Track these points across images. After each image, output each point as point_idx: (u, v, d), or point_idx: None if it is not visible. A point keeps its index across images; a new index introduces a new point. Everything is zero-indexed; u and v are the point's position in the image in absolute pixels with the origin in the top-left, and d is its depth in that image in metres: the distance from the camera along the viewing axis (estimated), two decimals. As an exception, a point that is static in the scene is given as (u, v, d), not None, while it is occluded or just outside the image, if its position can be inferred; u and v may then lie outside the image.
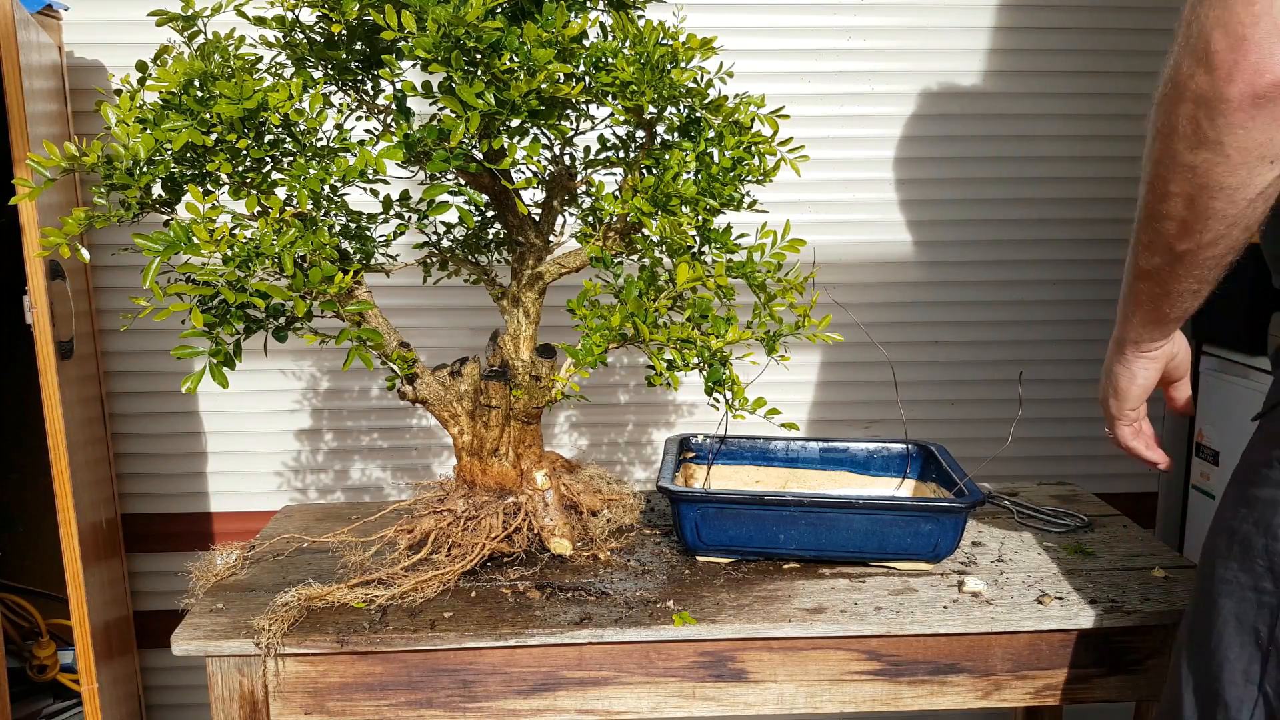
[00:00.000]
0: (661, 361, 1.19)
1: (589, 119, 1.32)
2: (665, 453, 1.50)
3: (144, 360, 2.10)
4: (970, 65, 2.10)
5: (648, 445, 2.23)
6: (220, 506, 2.19)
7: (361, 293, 1.23)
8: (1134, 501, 2.23)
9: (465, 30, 1.00)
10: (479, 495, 1.35)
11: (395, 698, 1.22)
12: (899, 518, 1.32)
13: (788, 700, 1.25)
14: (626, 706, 1.24)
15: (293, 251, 1.08)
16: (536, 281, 1.33)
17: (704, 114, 1.21)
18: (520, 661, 1.22)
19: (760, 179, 1.24)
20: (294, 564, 1.39)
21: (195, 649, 1.18)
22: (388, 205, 1.35)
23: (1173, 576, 1.34)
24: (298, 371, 2.14)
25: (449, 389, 1.33)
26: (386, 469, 2.21)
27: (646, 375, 1.21)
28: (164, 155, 1.08)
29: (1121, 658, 1.26)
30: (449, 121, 1.04)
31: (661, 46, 1.12)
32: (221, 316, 1.11)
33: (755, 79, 1.89)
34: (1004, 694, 1.27)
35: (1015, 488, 1.71)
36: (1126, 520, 1.56)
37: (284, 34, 1.21)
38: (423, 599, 1.26)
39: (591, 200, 1.31)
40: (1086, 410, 2.24)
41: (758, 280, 1.23)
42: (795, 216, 2.07)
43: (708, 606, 1.25)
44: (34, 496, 2.48)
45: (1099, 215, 2.17)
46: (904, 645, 1.24)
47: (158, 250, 1.03)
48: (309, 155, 1.12)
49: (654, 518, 1.55)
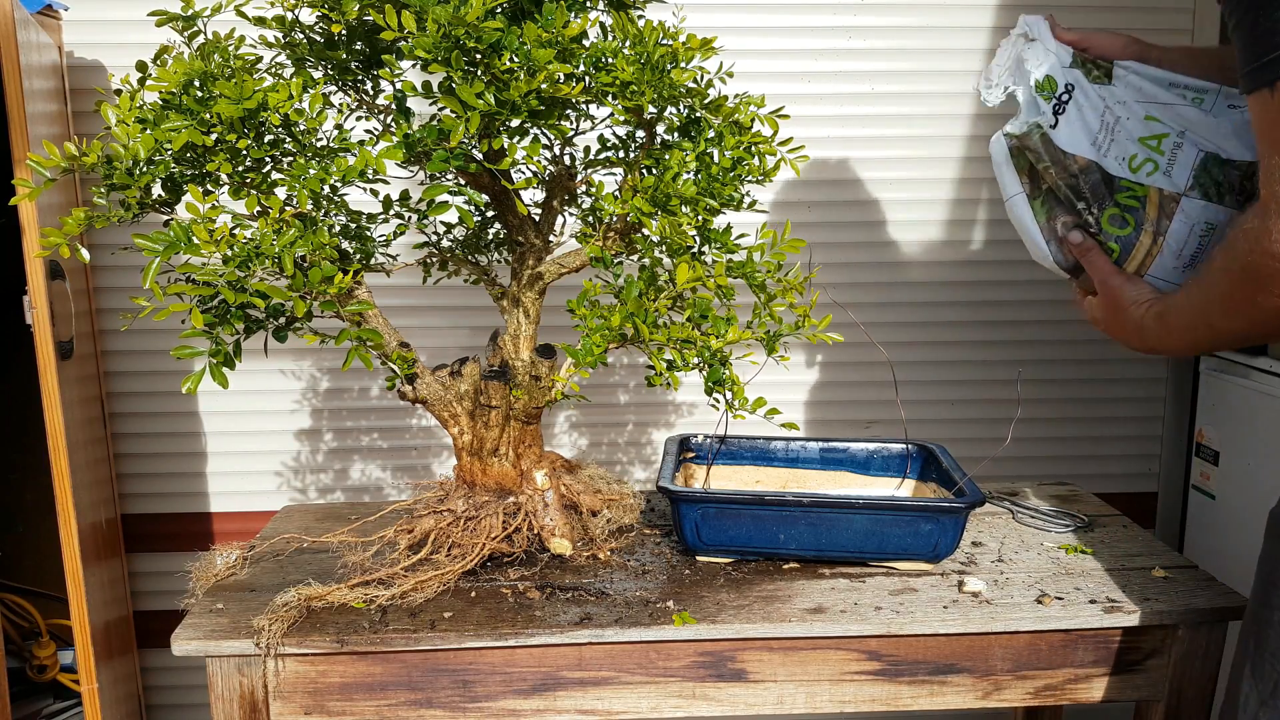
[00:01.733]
0: (661, 361, 1.19)
1: (589, 119, 1.32)
2: (665, 453, 1.50)
3: (144, 360, 2.10)
4: (970, 65, 2.10)
5: (648, 445, 2.23)
6: (220, 506, 2.19)
7: (361, 293, 1.23)
8: (1134, 501, 2.23)
9: (465, 30, 1.00)
10: (479, 495, 1.35)
11: (395, 698, 1.22)
12: (899, 518, 1.32)
13: (788, 700, 1.25)
14: (626, 706, 1.24)
15: (293, 251, 1.08)
16: (536, 281, 1.33)
17: (704, 114, 1.21)
18: (520, 661, 1.22)
19: (760, 179, 1.24)
20: (294, 564, 1.39)
21: (195, 649, 1.18)
22: (388, 205, 1.35)
23: (1173, 576, 1.34)
24: (298, 371, 2.14)
25: (449, 389, 1.33)
26: (386, 469, 2.21)
27: (646, 375, 1.21)
28: (164, 155, 1.08)
29: (1121, 658, 1.26)
30: (449, 121, 1.04)
31: (661, 46, 1.12)
32: (221, 316, 1.11)
33: (755, 79, 1.89)
34: (1004, 694, 1.27)
35: (1015, 488, 1.71)
36: (1126, 520, 1.56)
37: (284, 34, 1.21)
38: (423, 599, 1.26)
39: (591, 200, 1.31)
40: (1086, 410, 2.24)
41: (758, 280, 1.23)
42: (795, 216, 2.07)
43: (708, 606, 1.25)
44: (34, 496, 2.48)
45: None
46: (904, 645, 1.24)
47: (158, 250, 1.03)
48: (309, 155, 1.12)
49: (654, 518, 1.55)
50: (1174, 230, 1.18)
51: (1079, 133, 1.21)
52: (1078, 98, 1.21)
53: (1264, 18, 0.85)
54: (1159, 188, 1.18)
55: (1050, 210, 1.23)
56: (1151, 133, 1.19)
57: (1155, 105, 1.20)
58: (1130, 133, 1.20)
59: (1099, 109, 1.21)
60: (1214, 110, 1.18)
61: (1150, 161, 1.19)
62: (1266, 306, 0.93)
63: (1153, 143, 1.19)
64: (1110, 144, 1.20)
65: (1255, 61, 0.88)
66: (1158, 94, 1.21)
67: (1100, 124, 1.21)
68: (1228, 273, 0.98)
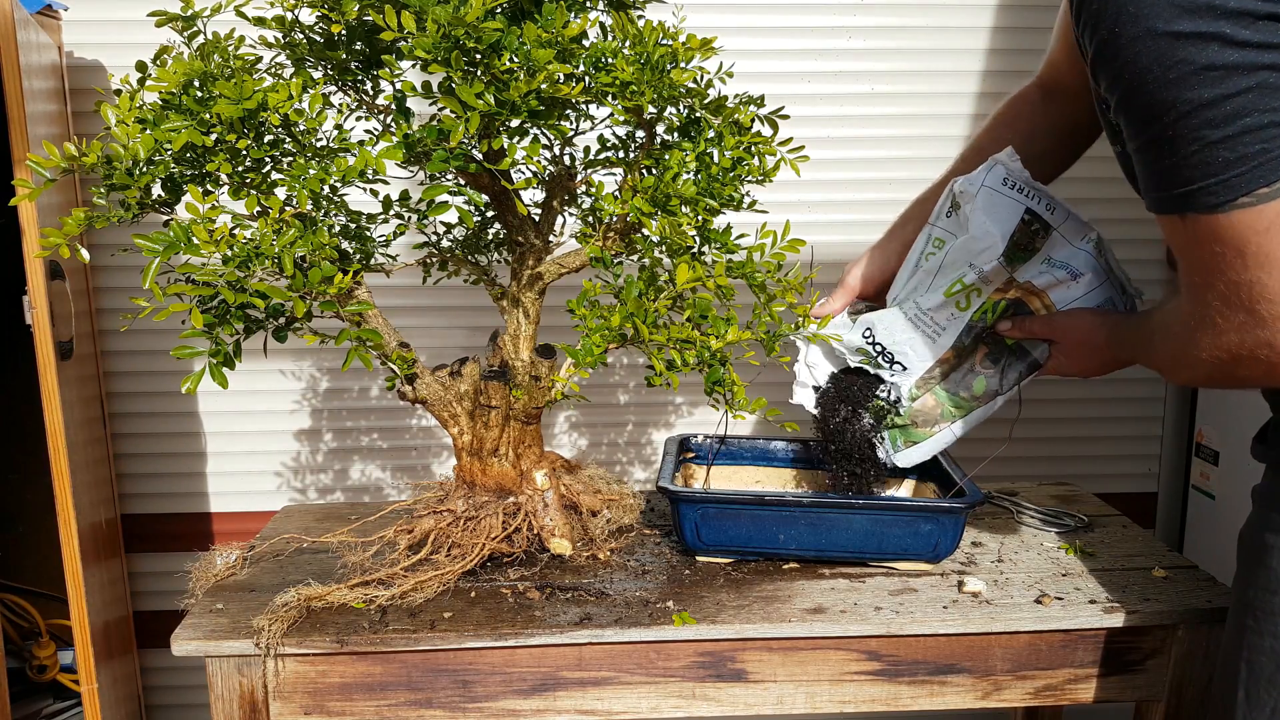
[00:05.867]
0: (661, 362, 1.19)
1: (589, 119, 1.32)
2: (665, 453, 1.50)
3: (144, 360, 2.10)
4: (970, 65, 2.10)
5: (648, 445, 2.23)
6: (220, 506, 2.19)
7: (361, 293, 1.23)
8: (1134, 501, 2.23)
9: (465, 30, 1.00)
10: (479, 495, 1.35)
11: (395, 698, 1.22)
12: (899, 518, 1.32)
13: (787, 700, 1.25)
14: (626, 707, 1.24)
15: (292, 252, 1.08)
16: (536, 282, 1.33)
17: (704, 114, 1.21)
18: (520, 661, 1.22)
19: (760, 179, 1.24)
20: (294, 564, 1.39)
21: (195, 649, 1.18)
22: (388, 205, 1.35)
23: (1172, 577, 1.34)
24: (298, 371, 2.14)
25: (449, 389, 1.33)
26: (386, 469, 2.21)
27: (646, 375, 1.21)
28: (164, 155, 1.08)
29: (1121, 658, 1.26)
30: (449, 122, 1.04)
31: (661, 47, 1.12)
32: (221, 317, 1.11)
33: (755, 79, 1.89)
34: (1004, 694, 1.27)
35: (1015, 488, 1.71)
36: (1126, 520, 1.56)
37: (284, 34, 1.21)
38: (422, 599, 1.26)
39: (591, 200, 1.31)
40: (1086, 410, 2.24)
41: (757, 280, 1.23)
42: (795, 216, 2.06)
43: (707, 606, 1.25)
44: (34, 496, 2.48)
45: (1098, 215, 2.16)
46: (904, 645, 1.24)
47: (157, 250, 1.03)
48: (309, 155, 1.11)
49: (654, 518, 1.55)
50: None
51: (915, 349, 1.35)
52: (883, 335, 1.36)
53: (1169, 155, 0.87)
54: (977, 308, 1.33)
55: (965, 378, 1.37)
56: (950, 289, 1.32)
57: (913, 287, 1.36)
58: (935, 317, 1.35)
59: (901, 324, 1.35)
60: (951, 247, 1.32)
61: (956, 299, 1.33)
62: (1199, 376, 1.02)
63: (956, 288, 1.32)
64: (938, 331, 1.34)
65: (1162, 191, 0.91)
66: (896, 290, 1.37)
67: (917, 330, 1.35)
68: (1165, 346, 1.05)
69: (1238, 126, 0.82)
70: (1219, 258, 0.88)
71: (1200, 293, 0.92)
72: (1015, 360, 1.34)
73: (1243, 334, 0.89)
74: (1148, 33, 0.82)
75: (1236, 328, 0.89)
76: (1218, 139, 0.83)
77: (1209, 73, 0.81)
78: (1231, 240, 0.86)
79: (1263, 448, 1.06)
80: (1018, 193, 1.28)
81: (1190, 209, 0.88)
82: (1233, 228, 0.85)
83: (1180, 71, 0.82)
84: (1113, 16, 0.84)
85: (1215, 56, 0.80)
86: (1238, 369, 0.93)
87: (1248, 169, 0.83)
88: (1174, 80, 0.83)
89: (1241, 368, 0.92)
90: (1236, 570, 1.04)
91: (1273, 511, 0.99)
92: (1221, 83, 0.81)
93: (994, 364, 1.34)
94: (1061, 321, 1.28)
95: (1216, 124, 0.82)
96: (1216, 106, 0.82)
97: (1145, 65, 0.84)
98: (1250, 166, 0.82)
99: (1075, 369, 1.30)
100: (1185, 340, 0.97)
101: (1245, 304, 0.88)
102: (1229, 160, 0.83)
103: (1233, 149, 0.83)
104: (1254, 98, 0.81)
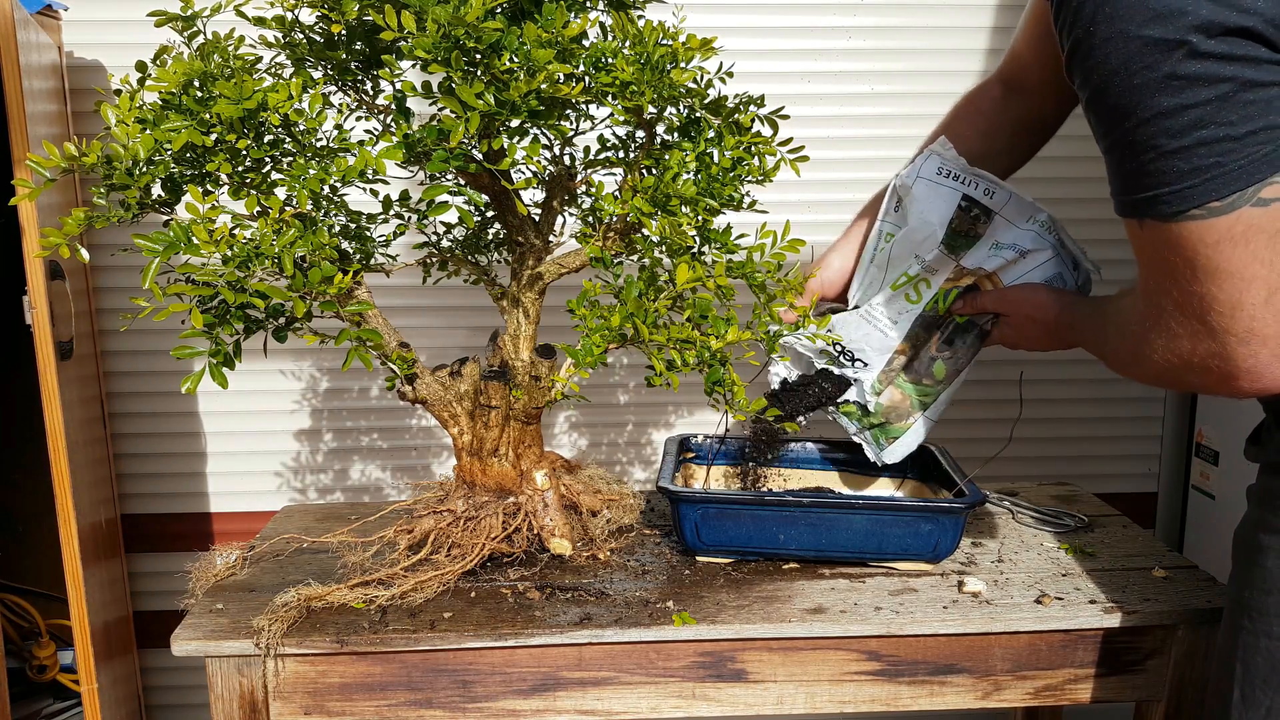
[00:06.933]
0: (661, 362, 1.19)
1: (589, 119, 1.32)
2: (665, 453, 1.50)
3: (144, 360, 2.10)
4: (970, 65, 2.10)
5: (647, 445, 2.23)
6: (220, 507, 2.19)
7: (361, 293, 1.23)
8: (1134, 501, 2.23)
9: (465, 30, 1.00)
10: (479, 495, 1.35)
11: (395, 698, 1.22)
12: (899, 518, 1.32)
13: (787, 701, 1.25)
14: (626, 707, 1.24)
15: (292, 252, 1.08)
16: (536, 282, 1.33)
17: (704, 114, 1.21)
18: (520, 662, 1.22)
19: (760, 179, 1.24)
20: (294, 564, 1.39)
21: (195, 649, 1.18)
22: (388, 205, 1.34)
23: (1172, 577, 1.34)
24: (298, 371, 2.14)
25: (449, 389, 1.33)
26: (386, 469, 2.21)
27: (646, 375, 1.20)
28: (164, 155, 1.08)
29: (1121, 658, 1.26)
30: (449, 122, 1.04)
31: (661, 47, 1.12)
32: (221, 317, 1.11)
33: (755, 79, 1.89)
34: (1004, 694, 1.27)
35: (1015, 488, 1.71)
36: (1126, 520, 1.56)
37: (284, 34, 1.21)
38: (422, 599, 1.26)
39: (591, 200, 1.31)
40: (1086, 410, 2.24)
41: (757, 280, 1.23)
42: (795, 216, 2.06)
43: (707, 607, 1.25)
44: (34, 496, 2.48)
45: (1098, 215, 2.16)
46: (904, 645, 1.24)
47: (157, 250, 1.03)
48: (309, 155, 1.11)
49: (654, 518, 1.55)
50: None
51: (872, 344, 1.38)
52: (842, 333, 1.39)
53: (1130, 160, 0.88)
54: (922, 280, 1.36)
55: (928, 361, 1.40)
56: (898, 281, 1.36)
57: (867, 283, 1.39)
58: (882, 302, 1.38)
59: (855, 321, 1.38)
60: (897, 241, 1.35)
61: (904, 291, 1.36)
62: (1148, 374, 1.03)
63: (902, 280, 1.35)
64: (891, 324, 1.37)
65: (1125, 195, 0.92)
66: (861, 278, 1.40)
67: (872, 326, 1.38)
68: (1118, 339, 1.06)
69: (1193, 138, 0.82)
70: (1173, 266, 0.89)
71: (1156, 297, 0.93)
72: (966, 335, 1.36)
73: (1195, 342, 0.91)
74: (1120, 34, 0.82)
75: (1190, 335, 0.91)
76: (1173, 149, 0.83)
77: (1171, 81, 0.81)
78: (1183, 251, 0.87)
79: (1255, 448, 1.06)
80: (954, 180, 1.29)
81: (1147, 215, 0.89)
82: (1184, 239, 0.86)
83: (1145, 77, 0.82)
84: (1090, 15, 0.84)
85: (1179, 66, 0.81)
86: (1188, 375, 0.94)
87: (1200, 181, 0.83)
88: (1138, 85, 0.83)
89: (1192, 374, 0.94)
90: (1232, 570, 1.04)
91: (1267, 511, 0.99)
92: (1181, 92, 0.81)
93: (949, 346, 1.36)
94: (1013, 295, 1.29)
95: (1174, 134, 0.83)
96: (1175, 116, 0.82)
97: (1114, 67, 0.84)
98: (1203, 179, 0.83)
99: (1022, 343, 1.31)
100: (1139, 339, 0.98)
101: (1197, 314, 0.89)
102: (1183, 171, 0.83)
103: (1187, 160, 0.83)
104: (1212, 110, 0.81)
